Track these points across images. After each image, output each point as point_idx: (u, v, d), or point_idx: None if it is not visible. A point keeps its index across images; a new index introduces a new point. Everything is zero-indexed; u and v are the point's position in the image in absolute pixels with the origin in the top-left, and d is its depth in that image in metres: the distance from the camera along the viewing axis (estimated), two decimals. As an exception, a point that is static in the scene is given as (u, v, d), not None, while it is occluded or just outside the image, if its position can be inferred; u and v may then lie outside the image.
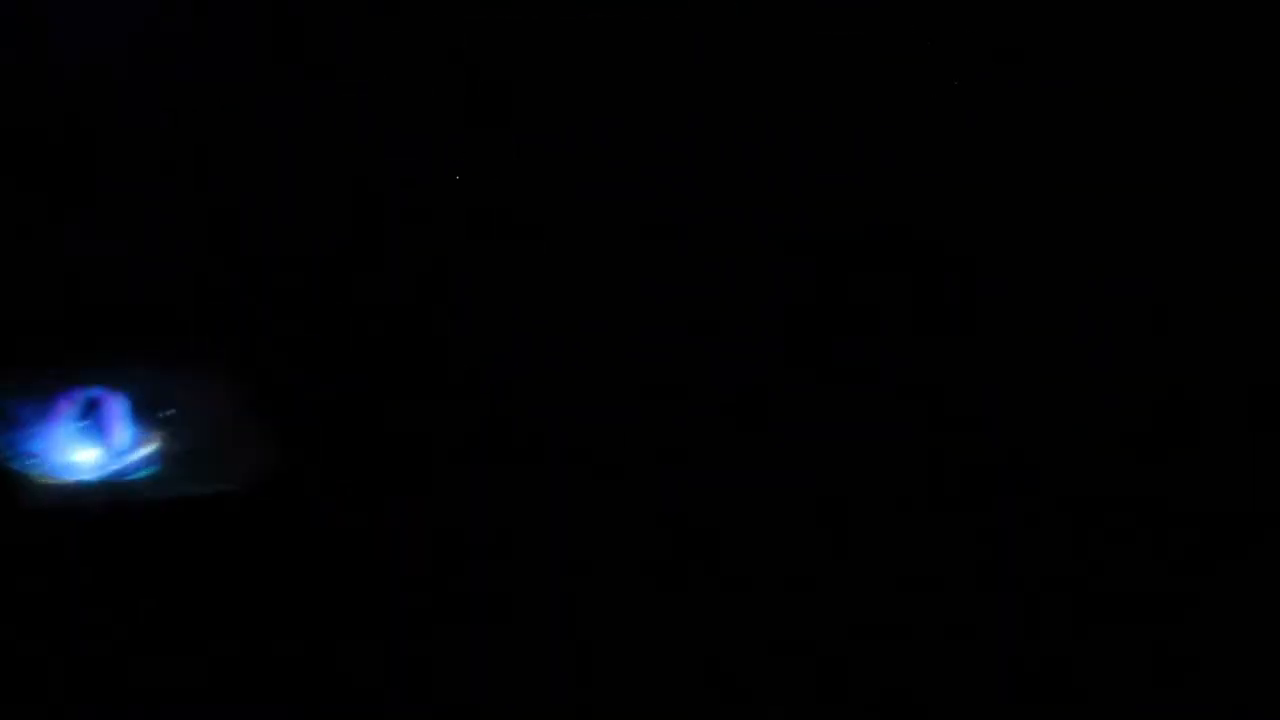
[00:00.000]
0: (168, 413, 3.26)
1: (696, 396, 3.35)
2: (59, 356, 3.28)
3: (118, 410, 3.26)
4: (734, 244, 3.46)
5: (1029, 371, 3.38)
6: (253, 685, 2.95)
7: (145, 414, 3.27)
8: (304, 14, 3.46)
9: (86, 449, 3.23)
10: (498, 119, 3.48)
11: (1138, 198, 3.45)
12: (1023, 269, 3.45)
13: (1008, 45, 3.50)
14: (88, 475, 3.22)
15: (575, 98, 3.48)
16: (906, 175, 3.48)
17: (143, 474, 3.24)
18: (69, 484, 3.18)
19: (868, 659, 3.03)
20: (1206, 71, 3.45)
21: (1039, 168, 3.49)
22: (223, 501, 3.13)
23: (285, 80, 3.45)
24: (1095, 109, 3.48)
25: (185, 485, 3.19)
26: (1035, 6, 3.49)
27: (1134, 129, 3.47)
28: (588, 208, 3.46)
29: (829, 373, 3.39)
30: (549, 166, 3.47)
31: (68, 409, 3.24)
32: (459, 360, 3.37)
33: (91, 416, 3.25)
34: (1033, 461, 3.28)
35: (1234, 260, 3.41)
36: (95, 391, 3.26)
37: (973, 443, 3.30)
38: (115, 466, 3.24)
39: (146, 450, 3.25)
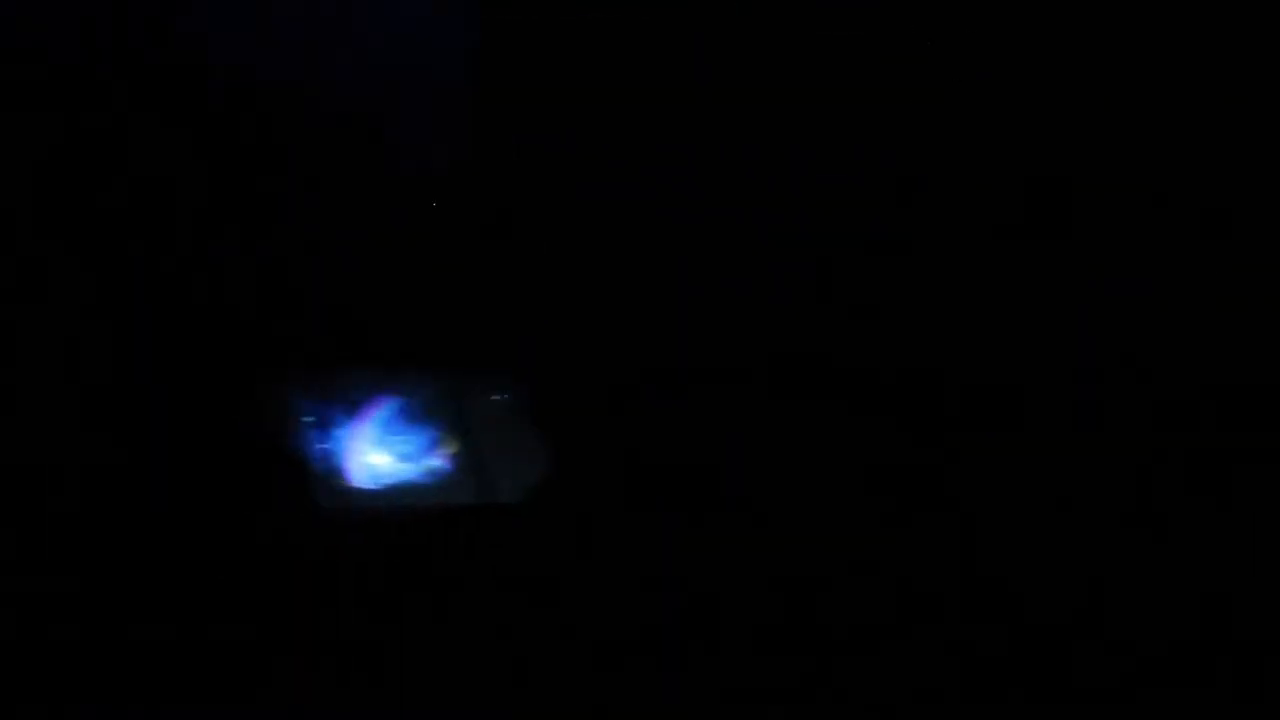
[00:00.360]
0: (460, 421, 3.30)
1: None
2: (359, 361, 3.33)
3: (411, 417, 3.30)
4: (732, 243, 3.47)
5: (1027, 372, 3.39)
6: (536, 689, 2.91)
7: (437, 422, 3.31)
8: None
9: (381, 454, 3.27)
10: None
11: (1136, 200, 3.46)
12: (1021, 270, 3.46)
13: (1006, 45, 3.50)
14: (380, 480, 3.24)
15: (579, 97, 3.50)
16: (906, 176, 3.48)
17: (431, 481, 3.26)
18: (362, 487, 3.20)
19: (865, 660, 3.03)
20: (1207, 72, 3.45)
21: (1038, 169, 3.49)
22: (506, 511, 3.15)
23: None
24: (1094, 110, 3.49)
25: (471, 494, 3.22)
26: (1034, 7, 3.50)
27: (1133, 130, 3.48)
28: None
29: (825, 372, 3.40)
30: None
31: (366, 413, 3.29)
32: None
33: (386, 422, 3.29)
34: (1028, 460, 3.30)
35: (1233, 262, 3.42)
36: (391, 397, 3.32)
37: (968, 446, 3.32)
38: (406, 473, 3.27)
39: (437, 458, 3.29)
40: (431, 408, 3.33)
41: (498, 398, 3.33)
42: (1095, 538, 3.18)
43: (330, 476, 3.20)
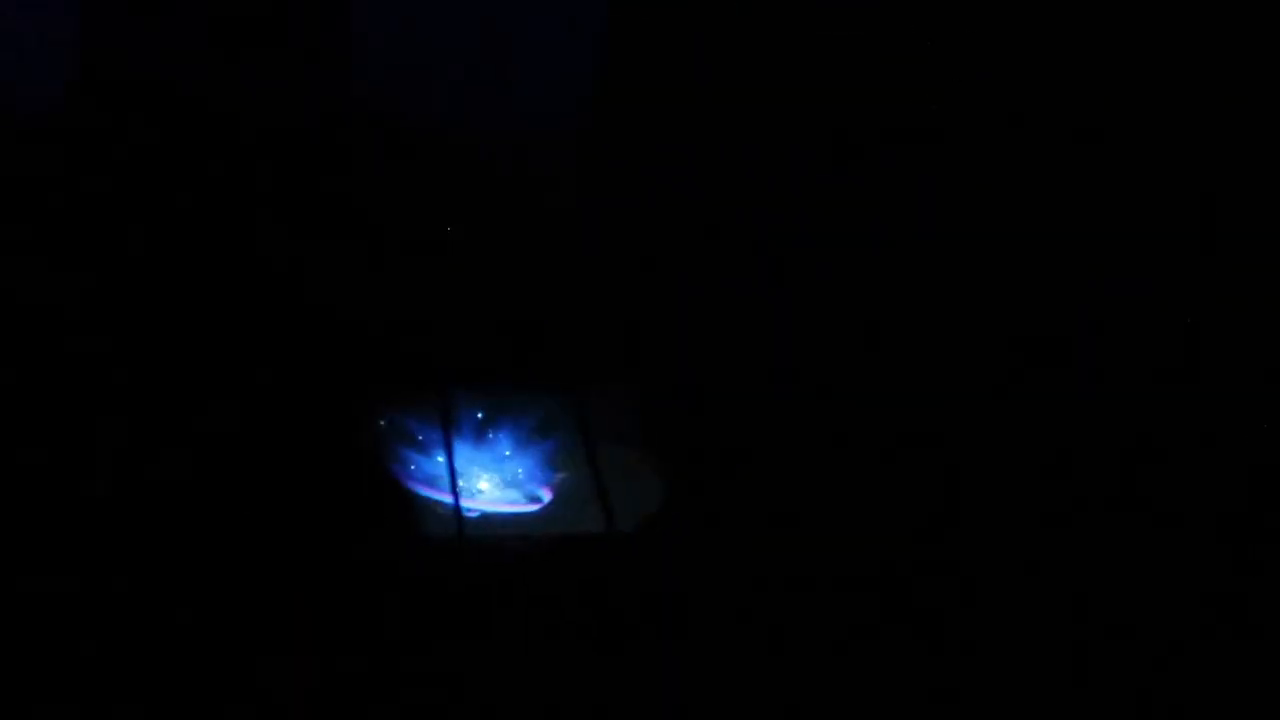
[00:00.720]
0: (573, 446, 3.23)
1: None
2: (463, 385, 3.28)
3: (516, 442, 3.26)
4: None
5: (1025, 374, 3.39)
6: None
7: (543, 447, 3.27)
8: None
9: (484, 478, 3.23)
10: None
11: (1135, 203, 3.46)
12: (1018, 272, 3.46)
13: (1006, 46, 3.50)
14: (482, 505, 3.20)
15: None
16: (906, 175, 3.49)
17: (534, 508, 3.22)
18: (463, 511, 3.11)
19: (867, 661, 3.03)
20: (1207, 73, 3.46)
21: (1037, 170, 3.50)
22: (609, 541, 3.06)
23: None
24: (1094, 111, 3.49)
25: (575, 522, 3.14)
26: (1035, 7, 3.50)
27: (1133, 131, 3.48)
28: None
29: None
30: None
31: (469, 436, 3.25)
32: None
33: (490, 446, 3.25)
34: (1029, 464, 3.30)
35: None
36: (496, 421, 3.27)
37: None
38: (510, 498, 3.23)
39: (541, 484, 3.24)
40: (544, 431, 3.28)
41: (611, 421, 3.26)
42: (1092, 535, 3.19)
43: (435, 500, 3.14)
